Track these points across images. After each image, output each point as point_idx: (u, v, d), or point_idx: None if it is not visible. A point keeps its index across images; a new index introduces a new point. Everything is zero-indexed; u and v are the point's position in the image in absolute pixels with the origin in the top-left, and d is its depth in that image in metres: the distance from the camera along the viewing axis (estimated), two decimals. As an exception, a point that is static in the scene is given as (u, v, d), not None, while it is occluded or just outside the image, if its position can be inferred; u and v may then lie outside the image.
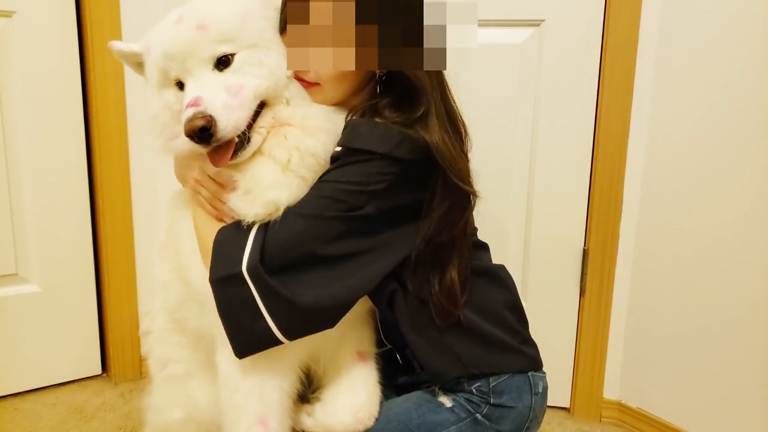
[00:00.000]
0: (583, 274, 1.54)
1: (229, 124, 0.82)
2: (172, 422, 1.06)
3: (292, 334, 0.87)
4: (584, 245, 1.53)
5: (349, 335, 0.96)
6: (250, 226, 0.86)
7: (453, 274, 0.91)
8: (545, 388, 1.00)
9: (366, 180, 0.84)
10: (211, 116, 0.81)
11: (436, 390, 0.99)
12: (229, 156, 0.85)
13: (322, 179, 0.87)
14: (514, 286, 1.03)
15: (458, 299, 0.91)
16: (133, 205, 1.65)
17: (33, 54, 1.52)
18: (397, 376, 1.06)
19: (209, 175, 0.92)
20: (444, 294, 0.91)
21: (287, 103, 0.90)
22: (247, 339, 0.87)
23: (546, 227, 1.55)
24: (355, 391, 0.97)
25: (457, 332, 0.94)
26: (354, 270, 0.87)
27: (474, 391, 0.96)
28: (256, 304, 0.84)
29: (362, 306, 1.00)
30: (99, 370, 1.74)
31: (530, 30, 1.48)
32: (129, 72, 1.57)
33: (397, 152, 0.84)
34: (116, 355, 1.69)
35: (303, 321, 0.87)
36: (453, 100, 0.93)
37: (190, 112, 0.81)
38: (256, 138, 0.87)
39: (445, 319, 0.92)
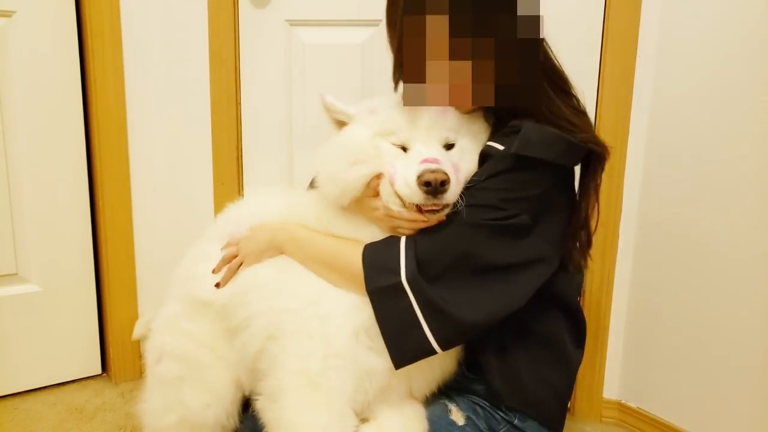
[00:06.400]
0: (583, 274, 1.54)
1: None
2: (168, 426, 1.07)
3: (448, 345, 0.89)
4: (584, 245, 1.53)
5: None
6: (398, 238, 0.90)
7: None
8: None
9: (525, 187, 0.87)
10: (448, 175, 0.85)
11: (448, 406, 1.00)
12: None
13: (481, 186, 0.88)
14: None
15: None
16: (133, 205, 1.65)
17: (33, 54, 1.52)
18: None
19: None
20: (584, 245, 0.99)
21: None
22: (404, 348, 0.88)
23: (546, 227, 1.54)
24: (409, 419, 0.97)
25: (533, 369, 0.98)
26: (510, 284, 0.88)
27: (503, 408, 0.98)
28: (415, 315, 0.86)
29: None
30: (99, 370, 1.74)
31: (530, 30, 1.48)
32: (129, 72, 1.58)
33: (561, 160, 0.87)
34: (116, 355, 1.69)
35: (459, 334, 0.89)
36: (557, 67, 0.98)
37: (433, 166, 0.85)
38: None
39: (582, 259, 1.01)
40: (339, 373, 0.89)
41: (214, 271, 1.06)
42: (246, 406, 1.11)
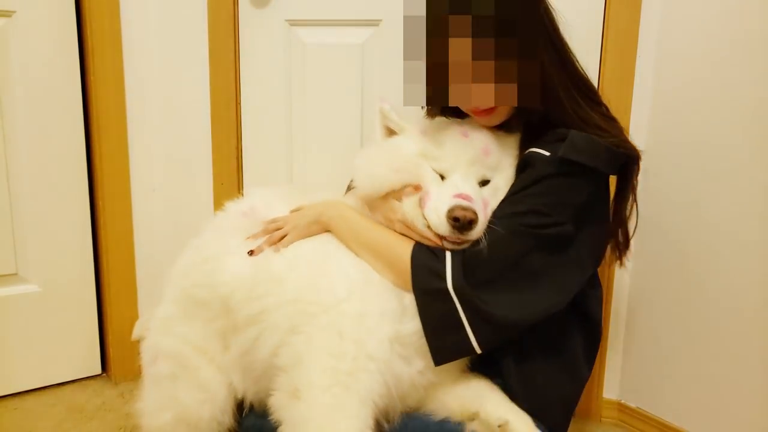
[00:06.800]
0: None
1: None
2: (164, 425, 1.08)
3: (488, 345, 0.91)
4: (584, 245, 1.53)
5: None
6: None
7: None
8: None
9: (568, 192, 0.89)
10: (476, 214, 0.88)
11: None
12: None
13: (526, 192, 0.90)
14: None
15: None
16: (133, 205, 1.65)
17: (33, 54, 1.52)
18: None
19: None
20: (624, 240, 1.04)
21: None
22: (445, 347, 0.90)
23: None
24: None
25: (549, 378, 1.00)
26: (551, 289, 0.91)
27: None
28: (459, 318, 0.88)
29: None
30: (99, 370, 1.74)
31: (530, 30, 1.48)
32: (129, 71, 1.58)
33: (602, 167, 0.90)
34: (116, 355, 1.69)
35: (500, 335, 0.91)
36: (583, 76, 0.99)
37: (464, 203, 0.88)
38: None
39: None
40: (370, 376, 0.89)
41: (247, 239, 1.05)
42: (240, 407, 1.11)
